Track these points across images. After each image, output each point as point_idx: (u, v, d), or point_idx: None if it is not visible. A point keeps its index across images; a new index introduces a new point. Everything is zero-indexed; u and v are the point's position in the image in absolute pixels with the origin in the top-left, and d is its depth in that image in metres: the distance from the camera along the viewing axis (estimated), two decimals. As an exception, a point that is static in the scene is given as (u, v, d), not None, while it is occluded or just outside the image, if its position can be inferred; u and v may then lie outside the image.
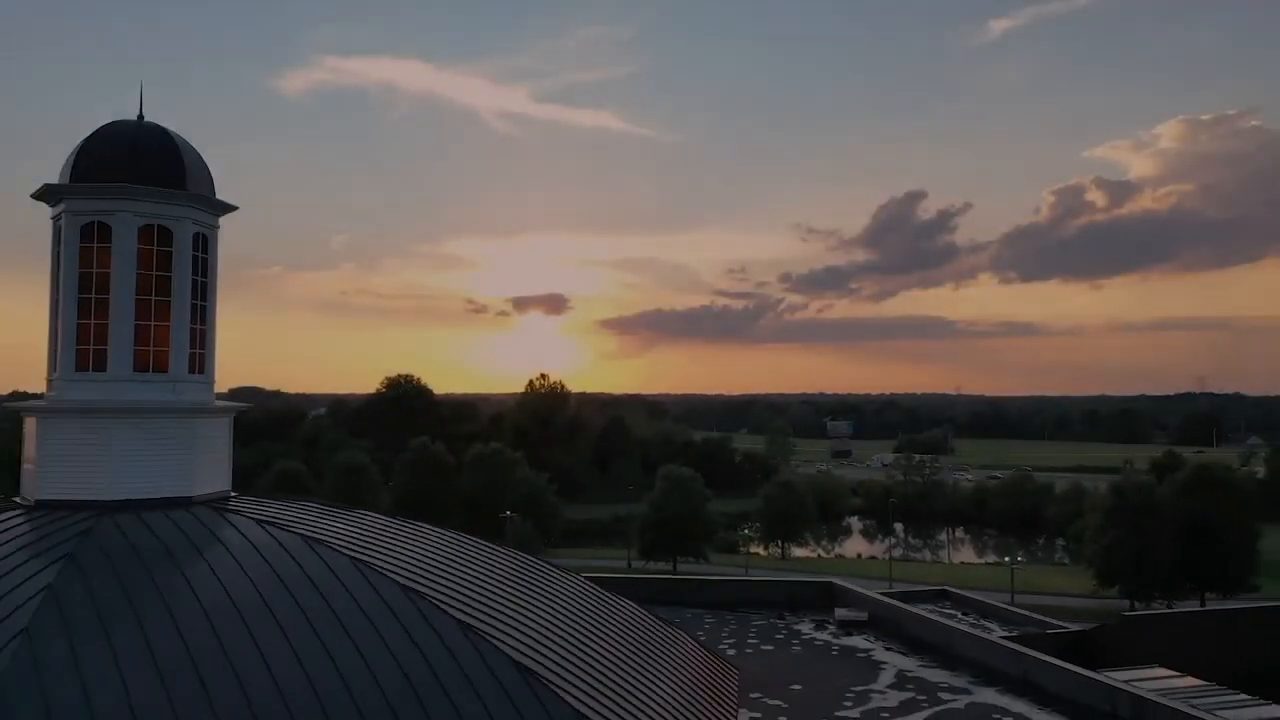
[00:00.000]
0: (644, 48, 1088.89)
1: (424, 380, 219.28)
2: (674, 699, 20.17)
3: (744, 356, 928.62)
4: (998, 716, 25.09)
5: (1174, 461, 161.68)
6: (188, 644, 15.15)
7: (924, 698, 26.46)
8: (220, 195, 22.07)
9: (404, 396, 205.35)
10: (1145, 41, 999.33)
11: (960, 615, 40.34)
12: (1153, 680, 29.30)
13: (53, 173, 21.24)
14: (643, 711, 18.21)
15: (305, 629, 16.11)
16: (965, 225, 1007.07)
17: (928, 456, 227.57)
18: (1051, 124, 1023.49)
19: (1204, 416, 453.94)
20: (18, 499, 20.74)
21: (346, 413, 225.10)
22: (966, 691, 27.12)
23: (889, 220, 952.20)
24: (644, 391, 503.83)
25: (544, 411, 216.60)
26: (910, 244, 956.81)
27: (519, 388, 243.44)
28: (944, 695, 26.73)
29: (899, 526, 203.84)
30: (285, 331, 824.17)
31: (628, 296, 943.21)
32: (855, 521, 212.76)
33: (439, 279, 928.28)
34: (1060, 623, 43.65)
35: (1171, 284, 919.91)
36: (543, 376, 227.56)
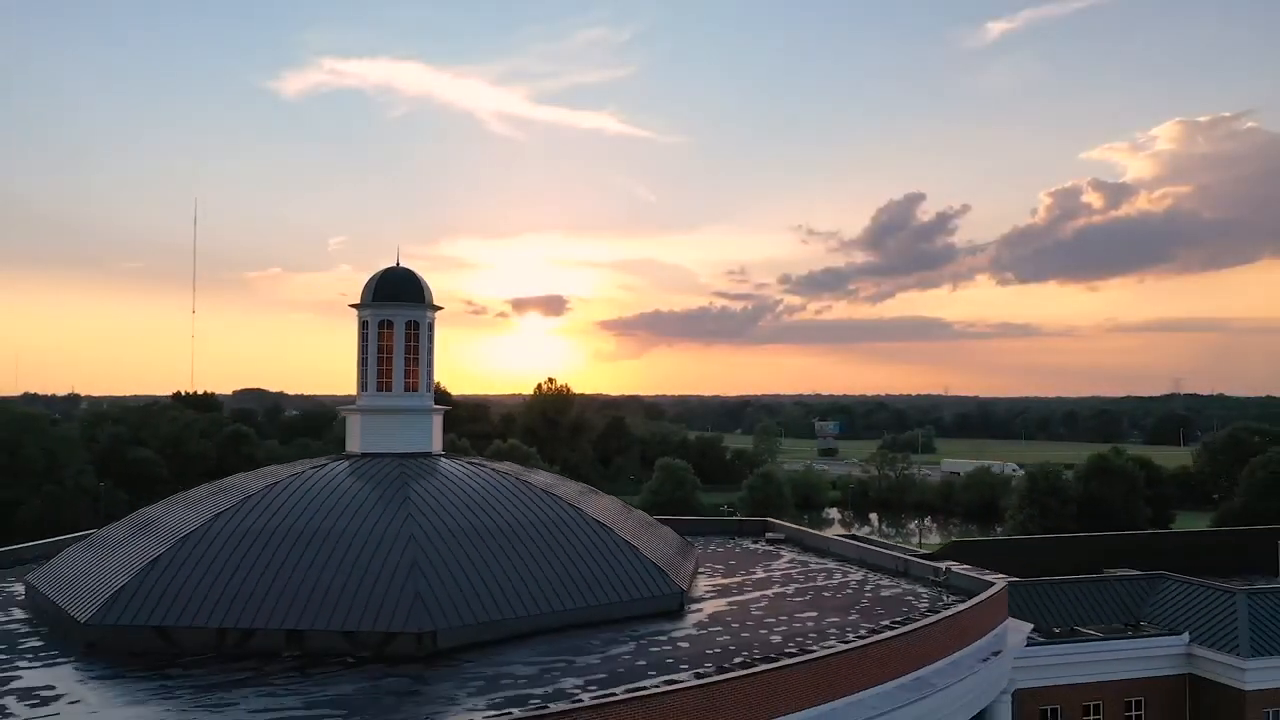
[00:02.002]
0: (643, 50, 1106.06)
1: (439, 384, 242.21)
2: (665, 548, 42.43)
3: (741, 358, 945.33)
4: (834, 568, 47.26)
5: (1141, 460, 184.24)
6: (448, 498, 37.25)
7: (800, 566, 48.57)
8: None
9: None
10: (1142, 43, 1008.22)
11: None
12: (938, 562, 51.26)
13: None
14: (653, 548, 40.39)
15: (488, 502, 38.18)
16: (963, 227, 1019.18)
17: (901, 454, 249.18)
18: (1049, 126, 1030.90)
19: (1176, 417, 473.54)
20: (346, 452, 42.94)
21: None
22: (824, 564, 49.23)
23: (888, 222, 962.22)
24: (642, 393, 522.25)
25: (551, 412, 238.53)
26: (909, 246, 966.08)
27: (519, 389, 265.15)
28: (812, 565, 48.82)
29: (874, 516, 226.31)
30: (284, 333, 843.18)
31: (626, 298, 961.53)
32: (835, 512, 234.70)
33: (437, 281, 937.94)
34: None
35: (1168, 285, 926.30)
36: (550, 380, 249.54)
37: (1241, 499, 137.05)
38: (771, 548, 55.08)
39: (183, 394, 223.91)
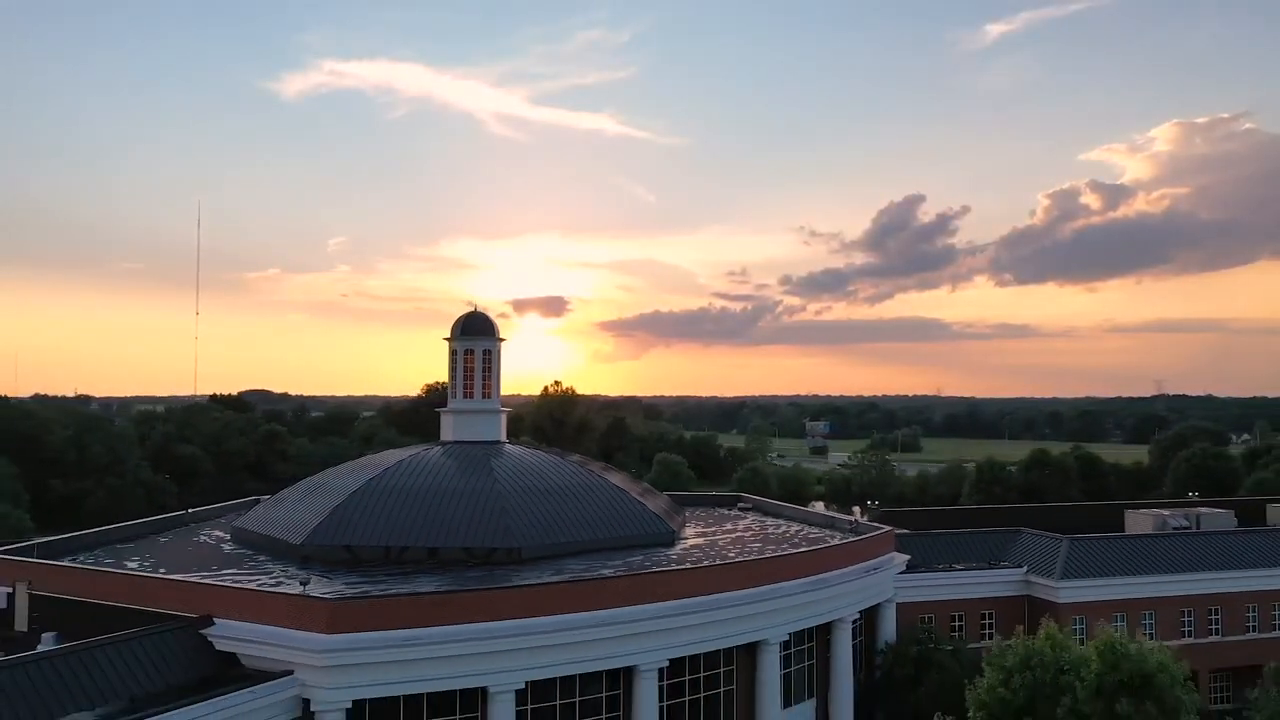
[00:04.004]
0: (642, 51, 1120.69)
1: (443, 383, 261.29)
2: (663, 505, 61.60)
3: (739, 359, 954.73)
4: (782, 524, 66.28)
5: (1078, 453, 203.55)
6: (517, 468, 56.39)
7: (759, 523, 67.64)
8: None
9: (444, 400, 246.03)
10: (1140, 45, 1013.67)
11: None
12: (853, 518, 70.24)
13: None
14: (654, 505, 59.52)
15: (544, 472, 57.28)
16: (963, 228, 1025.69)
17: (881, 451, 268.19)
18: (1047, 127, 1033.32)
19: (1155, 418, 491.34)
20: (440, 441, 62.07)
21: (390, 414, 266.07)
22: (777, 522, 68.29)
23: (889, 223, 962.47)
24: (641, 394, 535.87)
25: (558, 413, 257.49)
26: (910, 247, 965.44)
27: (519, 389, 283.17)
28: (768, 523, 67.90)
29: (857, 509, 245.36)
30: (284, 333, 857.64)
31: (626, 299, 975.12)
32: (819, 506, 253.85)
33: (436, 281, 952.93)
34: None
35: (1165, 286, 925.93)
36: (556, 383, 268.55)
37: (1170, 489, 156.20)
38: (741, 513, 74.30)
39: (218, 396, 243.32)
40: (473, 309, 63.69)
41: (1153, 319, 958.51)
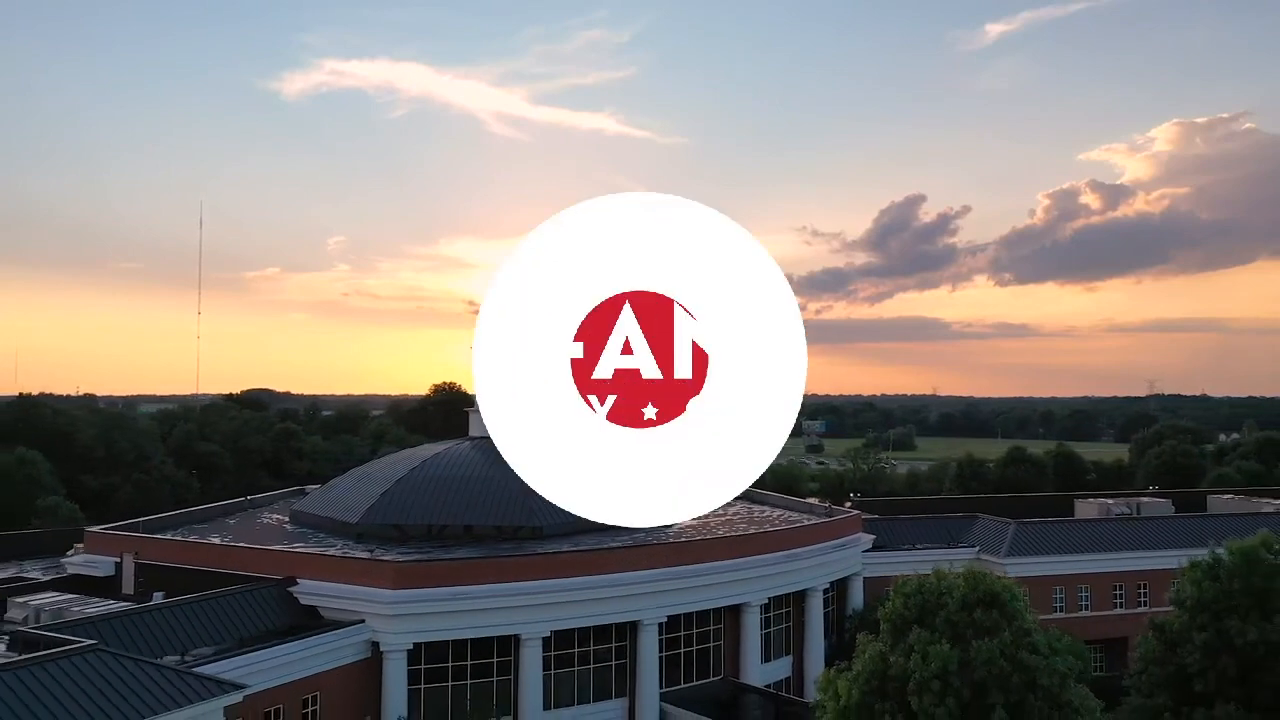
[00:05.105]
0: (642, 51, 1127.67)
1: (461, 385, 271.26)
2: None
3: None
4: (766, 509, 75.58)
5: (1060, 451, 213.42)
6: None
7: (745, 509, 76.95)
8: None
9: (451, 400, 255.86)
10: (1140, 45, 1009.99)
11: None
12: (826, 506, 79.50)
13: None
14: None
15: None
16: (964, 228, 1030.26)
17: (873, 448, 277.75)
18: (1047, 127, 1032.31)
19: (1146, 417, 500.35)
20: (468, 436, 71.40)
21: (400, 413, 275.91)
22: (762, 508, 77.62)
23: (890, 223, 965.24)
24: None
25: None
26: (911, 247, 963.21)
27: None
28: (754, 508, 77.19)
29: (849, 503, 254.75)
30: (285, 332, 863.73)
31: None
32: (814, 500, 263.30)
33: (436, 281, 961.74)
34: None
35: (1165, 286, 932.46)
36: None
37: (1141, 483, 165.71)
38: (732, 500, 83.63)
39: (233, 395, 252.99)
40: (496, 321, 72.94)
41: (1151, 319, 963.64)
